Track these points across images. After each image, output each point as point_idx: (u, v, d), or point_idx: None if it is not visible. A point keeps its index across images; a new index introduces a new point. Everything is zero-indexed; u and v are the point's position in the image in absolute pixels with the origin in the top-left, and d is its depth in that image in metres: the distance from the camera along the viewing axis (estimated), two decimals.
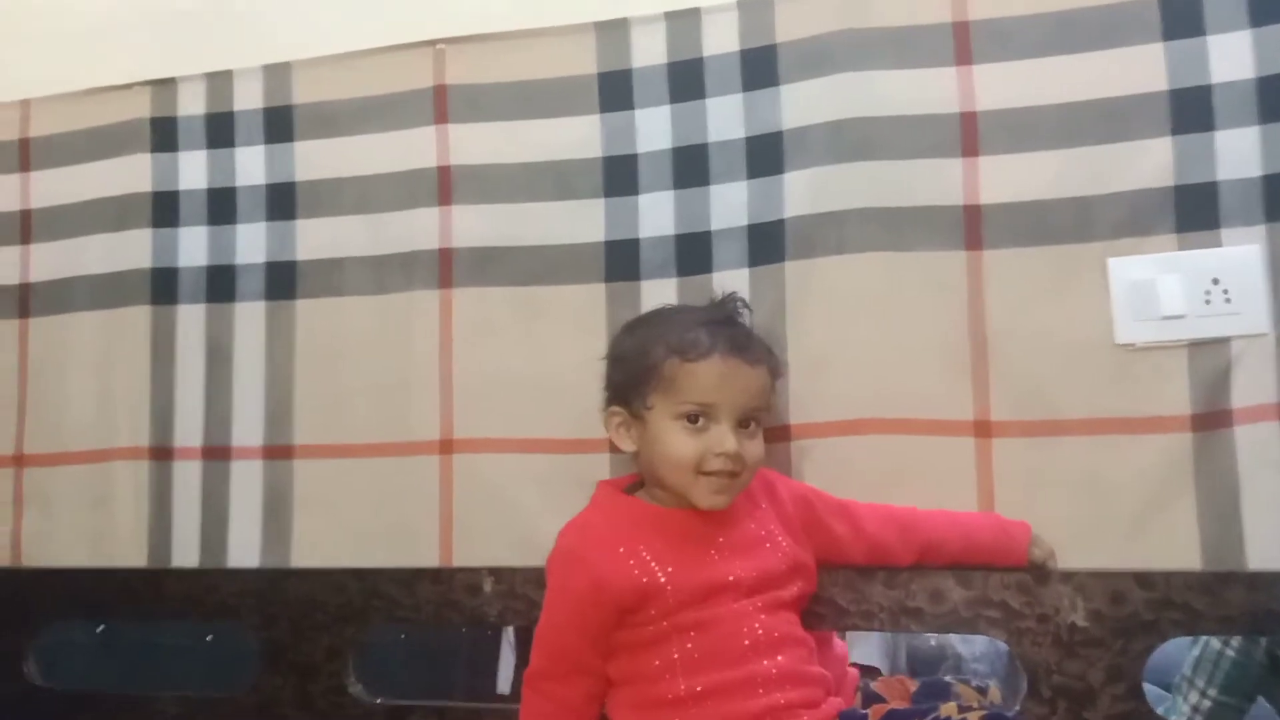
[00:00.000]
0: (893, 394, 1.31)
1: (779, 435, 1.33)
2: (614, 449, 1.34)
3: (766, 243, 1.37)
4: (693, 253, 1.40)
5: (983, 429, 1.29)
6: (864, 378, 1.32)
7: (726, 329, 1.19)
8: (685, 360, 1.16)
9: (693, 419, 1.16)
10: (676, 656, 1.13)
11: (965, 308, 1.30)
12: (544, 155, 1.46)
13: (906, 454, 1.30)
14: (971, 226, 1.30)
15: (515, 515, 1.42)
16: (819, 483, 1.30)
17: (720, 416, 1.16)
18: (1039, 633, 1.23)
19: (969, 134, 1.31)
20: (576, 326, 1.42)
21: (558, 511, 1.26)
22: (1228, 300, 1.22)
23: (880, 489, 1.30)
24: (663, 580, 1.14)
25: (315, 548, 1.50)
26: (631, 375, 1.20)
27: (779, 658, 1.14)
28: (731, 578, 1.16)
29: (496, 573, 1.38)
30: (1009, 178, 1.29)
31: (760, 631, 1.14)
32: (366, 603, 1.42)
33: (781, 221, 1.36)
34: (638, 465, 1.24)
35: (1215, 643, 1.79)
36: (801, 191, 1.35)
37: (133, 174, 1.61)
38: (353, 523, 1.49)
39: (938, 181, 1.31)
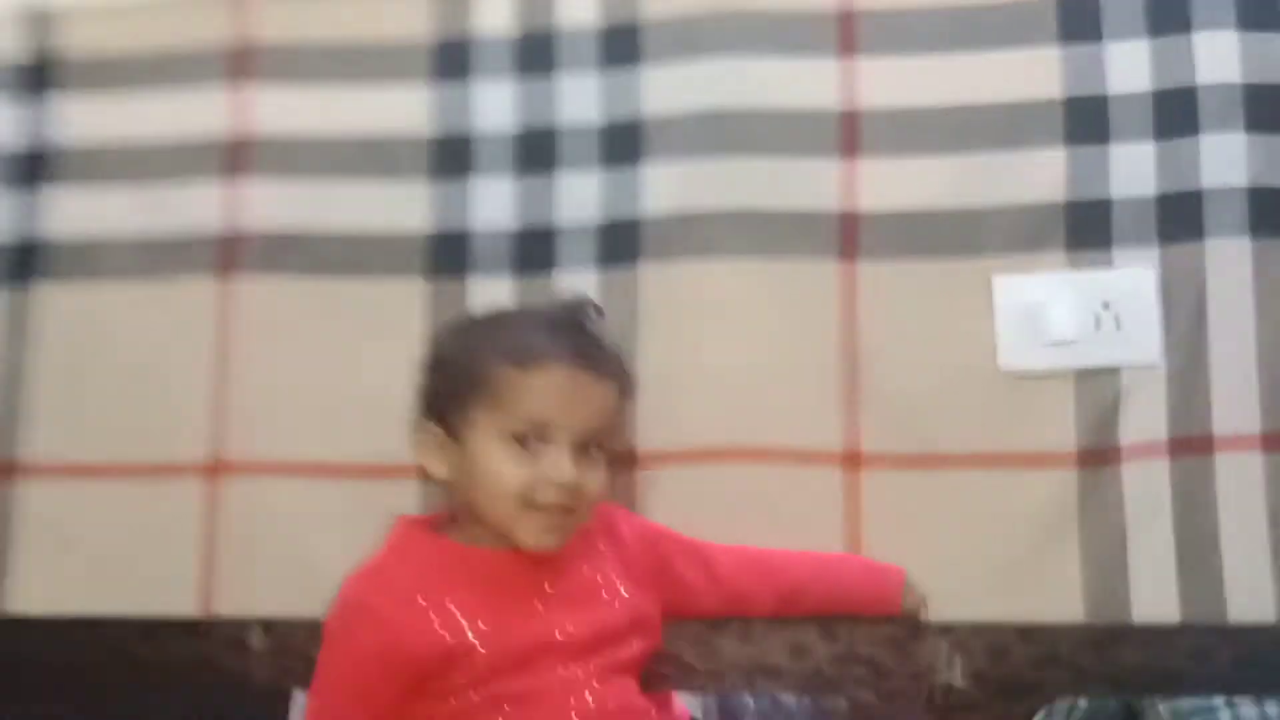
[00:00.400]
0: (754, 419, 1.15)
1: (623, 463, 1.14)
2: (425, 477, 1.12)
3: (619, 242, 1.19)
4: (533, 249, 1.21)
5: (852, 460, 1.14)
6: (722, 399, 1.16)
7: (572, 335, 1.00)
8: (519, 368, 0.96)
9: (523, 440, 0.95)
10: None
11: (837, 324, 1.16)
12: (362, 128, 1.24)
13: (767, 487, 1.14)
14: (848, 235, 1.17)
15: (299, 556, 1.17)
16: (668, 519, 1.12)
17: (556, 438, 0.96)
18: (911, 694, 1.07)
19: (849, 133, 1.18)
20: (386, 329, 1.20)
21: (353, 552, 1.03)
22: (1118, 327, 1.11)
23: (737, 526, 1.12)
24: (473, 639, 0.93)
25: (40, 590, 1.20)
26: (452, 384, 0.99)
27: None
28: (559, 635, 0.96)
29: (269, 625, 1.12)
30: (891, 183, 1.17)
31: (591, 704, 0.95)
32: (101, 660, 1.13)
33: (636, 221, 1.19)
34: (450, 497, 1.03)
35: None
36: (662, 186, 1.19)
37: None
38: (90, 561, 1.20)
39: (813, 184, 1.17)
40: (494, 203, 1.21)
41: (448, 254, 1.21)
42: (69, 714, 1.12)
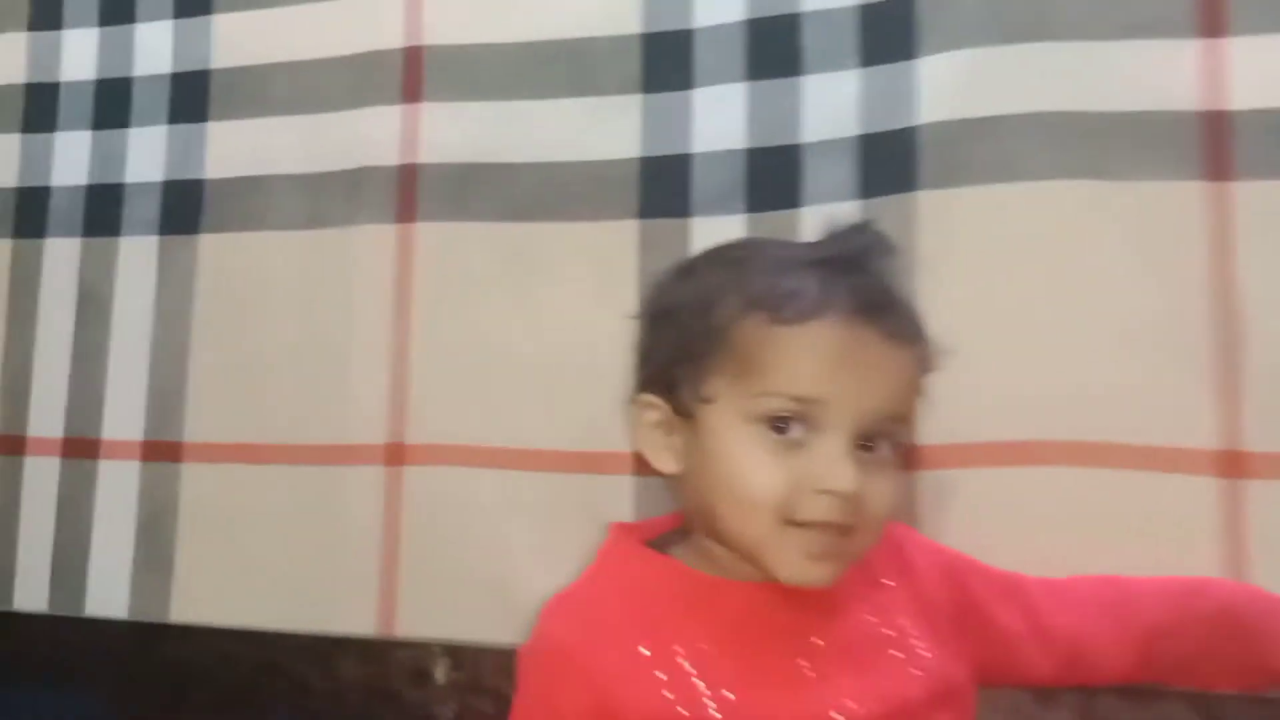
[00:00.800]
0: (1083, 405, 0.83)
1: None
2: (644, 468, 0.87)
3: (883, 161, 0.89)
4: (776, 172, 0.92)
5: (1231, 464, 0.81)
6: (1037, 377, 0.84)
7: (853, 278, 0.70)
8: (777, 322, 0.68)
9: (782, 425, 0.68)
10: None
11: (1202, 272, 0.82)
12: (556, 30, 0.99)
13: (1104, 499, 0.82)
14: (1213, 141, 0.82)
15: (493, 566, 0.95)
16: (961, 542, 0.82)
17: (831, 425, 0.68)
18: None
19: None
20: (600, 281, 0.94)
21: (556, 562, 0.81)
22: None
23: (1059, 554, 0.81)
24: (714, 712, 0.67)
25: (204, 591, 1.04)
26: (681, 343, 0.72)
27: None
28: (837, 714, 0.68)
29: (455, 653, 0.91)
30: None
31: None
32: (264, 681, 0.96)
33: (909, 129, 0.89)
34: (680, 498, 0.76)
35: None
36: (937, 86, 0.87)
37: (4, 59, 1.17)
38: (256, 559, 1.02)
39: (1157, 73, 0.84)
40: (724, 114, 0.93)
41: (657, 185, 0.95)
42: None
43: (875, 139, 0.89)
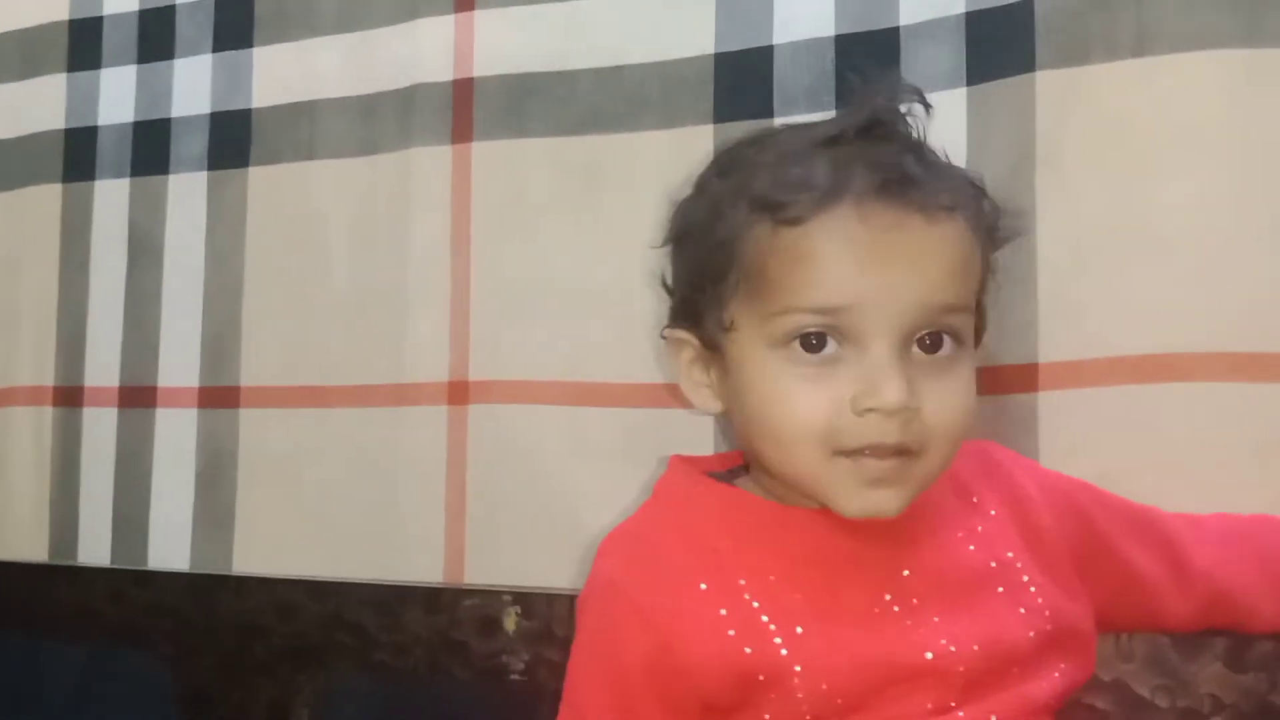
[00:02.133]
0: (1212, 314, 0.72)
1: (1018, 381, 0.75)
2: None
3: (997, 39, 0.78)
4: (871, 67, 0.81)
5: None
6: (1175, 282, 0.73)
7: (870, 148, 0.60)
8: (781, 222, 0.58)
9: (811, 342, 0.59)
10: None
11: None
12: None
13: (1255, 417, 0.71)
14: None
15: (561, 506, 0.88)
16: (1087, 471, 0.70)
17: (869, 332, 0.58)
18: None
19: None
20: (667, 195, 0.86)
21: (630, 504, 0.71)
22: None
23: (1205, 482, 0.71)
24: (786, 653, 0.58)
25: (266, 541, 0.99)
26: (697, 267, 0.64)
27: None
28: (932, 654, 0.59)
29: (525, 601, 0.84)
30: None
31: None
32: (328, 635, 0.90)
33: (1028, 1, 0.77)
34: (731, 436, 0.69)
35: None
36: None
37: None
38: (319, 505, 0.97)
39: None
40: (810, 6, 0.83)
41: (742, 83, 0.85)
42: (292, 696, 0.90)
43: (984, 15, 0.78)
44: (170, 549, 1.02)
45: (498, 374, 0.92)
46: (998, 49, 0.77)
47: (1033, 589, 0.63)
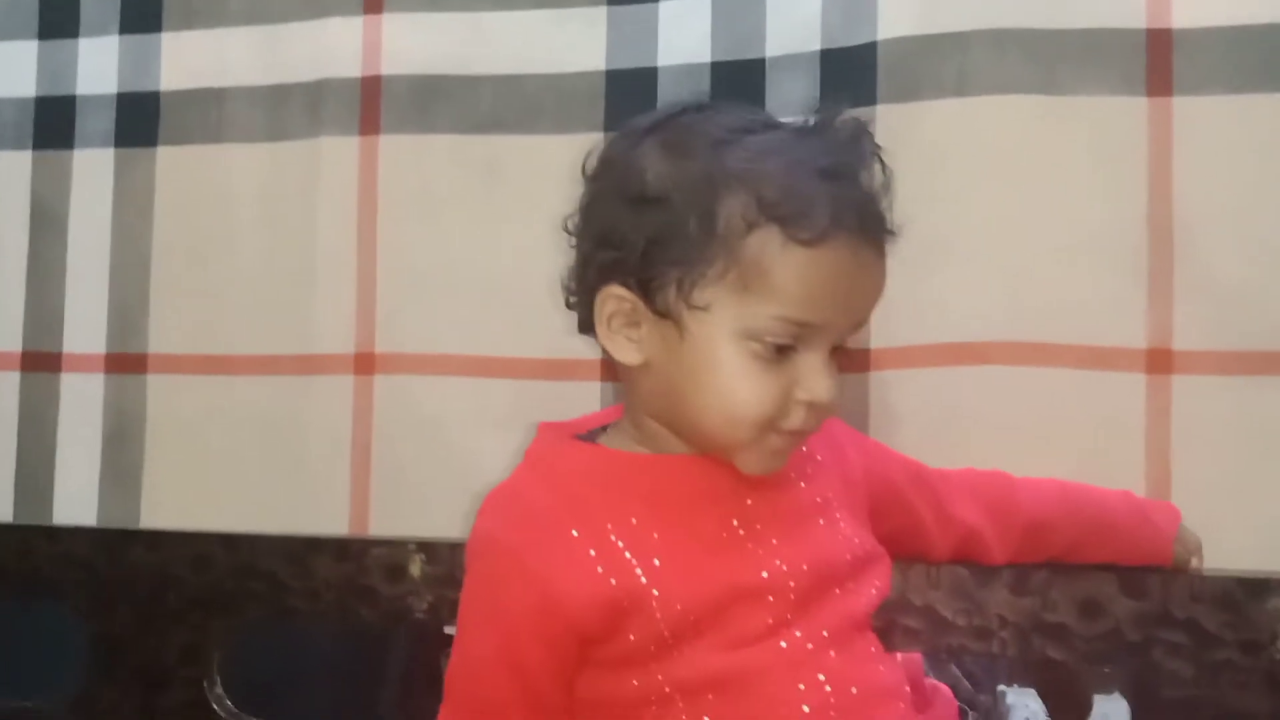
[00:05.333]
0: (1025, 307, 0.89)
1: (854, 363, 0.90)
2: (611, 374, 0.91)
3: (846, 74, 0.92)
4: (739, 92, 0.95)
5: (1160, 361, 0.87)
6: (983, 280, 0.89)
7: (854, 189, 0.68)
8: (792, 240, 0.66)
9: (782, 345, 0.68)
10: None
11: (1143, 182, 0.88)
12: None
13: (1042, 394, 0.88)
14: (1157, 60, 0.87)
15: (462, 467, 0.98)
16: (904, 440, 0.88)
17: (817, 340, 0.68)
18: (1242, 669, 0.82)
19: None
20: (560, 192, 0.96)
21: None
22: None
23: (997, 447, 0.88)
24: (645, 581, 0.68)
25: (173, 501, 1.06)
26: (675, 241, 0.68)
27: None
28: (768, 573, 0.70)
29: (429, 549, 0.94)
30: None
31: (828, 687, 0.70)
32: (240, 584, 0.98)
33: (869, 44, 0.92)
34: (634, 386, 0.74)
35: None
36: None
37: None
38: (227, 467, 1.04)
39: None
40: (689, 28, 0.95)
41: (629, 98, 0.96)
42: (205, 643, 0.98)
43: (836, 54, 0.92)
44: (76, 508, 1.07)
45: (402, 348, 1.01)
46: (846, 83, 0.92)
47: (843, 525, 0.75)
